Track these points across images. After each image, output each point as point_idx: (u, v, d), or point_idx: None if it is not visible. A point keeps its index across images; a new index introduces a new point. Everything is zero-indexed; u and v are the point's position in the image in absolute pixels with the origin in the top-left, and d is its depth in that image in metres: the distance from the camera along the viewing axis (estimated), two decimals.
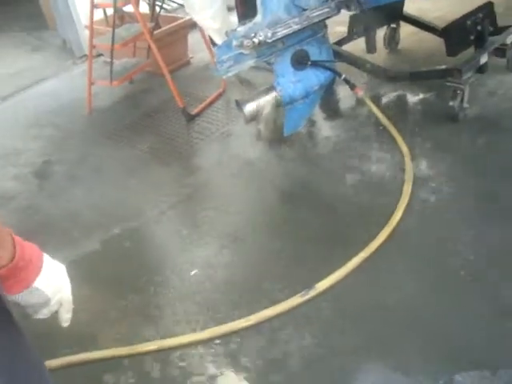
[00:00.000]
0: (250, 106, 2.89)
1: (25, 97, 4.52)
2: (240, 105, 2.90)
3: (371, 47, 3.59)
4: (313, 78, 2.98)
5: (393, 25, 3.89)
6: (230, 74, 2.80)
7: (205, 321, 2.17)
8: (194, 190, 2.98)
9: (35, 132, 3.90)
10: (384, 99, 3.39)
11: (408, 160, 2.79)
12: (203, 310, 2.22)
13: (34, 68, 4.99)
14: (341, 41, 3.61)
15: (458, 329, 1.95)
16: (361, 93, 3.06)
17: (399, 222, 2.43)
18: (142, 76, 4.35)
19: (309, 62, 2.93)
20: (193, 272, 2.43)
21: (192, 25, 4.22)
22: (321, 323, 2.07)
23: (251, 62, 2.80)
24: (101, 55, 4.72)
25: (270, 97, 2.91)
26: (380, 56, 3.73)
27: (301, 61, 2.91)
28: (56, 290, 1.13)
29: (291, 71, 2.91)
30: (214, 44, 2.99)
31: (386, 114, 3.16)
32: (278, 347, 2.01)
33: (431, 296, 2.10)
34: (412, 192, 2.59)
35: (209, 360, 2.01)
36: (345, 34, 3.63)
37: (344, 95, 3.45)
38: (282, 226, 2.62)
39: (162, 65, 3.66)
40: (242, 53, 2.70)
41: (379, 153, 2.96)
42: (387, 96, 3.43)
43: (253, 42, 2.63)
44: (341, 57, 3.33)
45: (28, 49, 5.51)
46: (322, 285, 2.18)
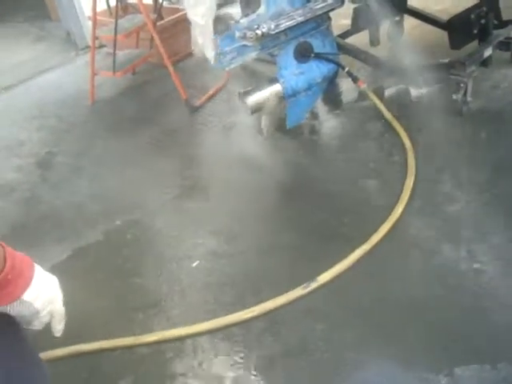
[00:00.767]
0: (253, 99, 2.89)
1: (27, 87, 4.52)
2: (243, 97, 2.90)
3: (375, 40, 3.59)
4: (316, 71, 2.97)
5: (396, 18, 3.87)
6: (233, 66, 2.79)
7: (207, 312, 2.18)
8: (197, 182, 2.98)
9: (38, 123, 3.91)
10: (387, 92, 3.38)
11: (410, 154, 2.79)
12: (205, 301, 2.23)
13: (37, 59, 4.99)
14: (344, 33, 3.59)
15: (460, 321, 1.96)
16: (364, 86, 3.06)
17: (401, 216, 2.43)
18: (145, 67, 4.35)
19: (312, 55, 2.92)
20: (195, 263, 2.43)
21: None
22: (322, 315, 2.08)
23: (254, 54, 2.80)
24: (103, 46, 4.72)
25: (273, 89, 2.91)
26: (383, 49, 3.71)
27: (304, 53, 2.90)
28: (46, 302, 1.14)
29: (294, 63, 2.91)
30: None
31: (389, 108, 3.16)
32: (279, 339, 2.02)
33: (432, 289, 2.10)
34: (414, 186, 2.59)
35: (209, 351, 2.02)
36: (349, 27, 3.62)
37: (347, 88, 3.44)
38: (284, 219, 2.62)
39: (165, 56, 3.65)
40: (245, 44, 2.70)
41: (381, 146, 2.96)
42: (390, 89, 3.42)
43: (256, 34, 2.62)
44: (344, 49, 3.33)
45: (31, 39, 5.51)
46: (324, 277, 2.18)
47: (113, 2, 4.21)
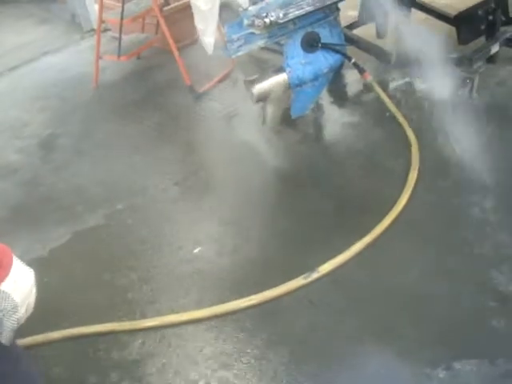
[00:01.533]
0: (259, 87, 2.88)
1: (31, 69, 4.50)
2: (248, 85, 2.89)
3: (381, 32, 3.57)
4: (322, 61, 2.96)
5: (403, 10, 3.85)
6: (240, 54, 2.78)
7: (207, 299, 2.18)
8: (199, 168, 2.97)
9: (41, 104, 3.90)
10: (392, 85, 3.37)
11: (414, 146, 2.78)
12: (206, 288, 2.24)
13: (41, 40, 4.96)
14: (351, 25, 3.58)
15: (460, 315, 1.96)
16: (369, 78, 3.05)
17: (404, 209, 2.43)
18: (150, 52, 4.33)
19: (319, 45, 2.91)
20: (196, 249, 2.43)
21: None
22: (322, 305, 2.08)
23: (262, 43, 2.79)
24: (108, 30, 4.68)
25: (279, 78, 2.90)
26: (390, 41, 3.69)
27: (311, 43, 2.89)
28: (24, 297, 1.09)
29: (301, 53, 2.90)
30: None
31: (394, 101, 3.15)
32: (279, 328, 2.03)
33: (433, 281, 2.11)
34: (417, 179, 2.59)
35: (208, 338, 2.03)
36: (356, 18, 3.60)
37: (352, 80, 3.43)
38: (287, 209, 2.62)
39: (171, 41, 3.64)
40: (253, 33, 2.69)
41: (385, 139, 2.95)
42: (395, 82, 3.40)
43: (264, 22, 2.61)
44: (351, 41, 3.31)
45: (35, 21, 5.46)
46: (325, 268, 2.19)
47: None
